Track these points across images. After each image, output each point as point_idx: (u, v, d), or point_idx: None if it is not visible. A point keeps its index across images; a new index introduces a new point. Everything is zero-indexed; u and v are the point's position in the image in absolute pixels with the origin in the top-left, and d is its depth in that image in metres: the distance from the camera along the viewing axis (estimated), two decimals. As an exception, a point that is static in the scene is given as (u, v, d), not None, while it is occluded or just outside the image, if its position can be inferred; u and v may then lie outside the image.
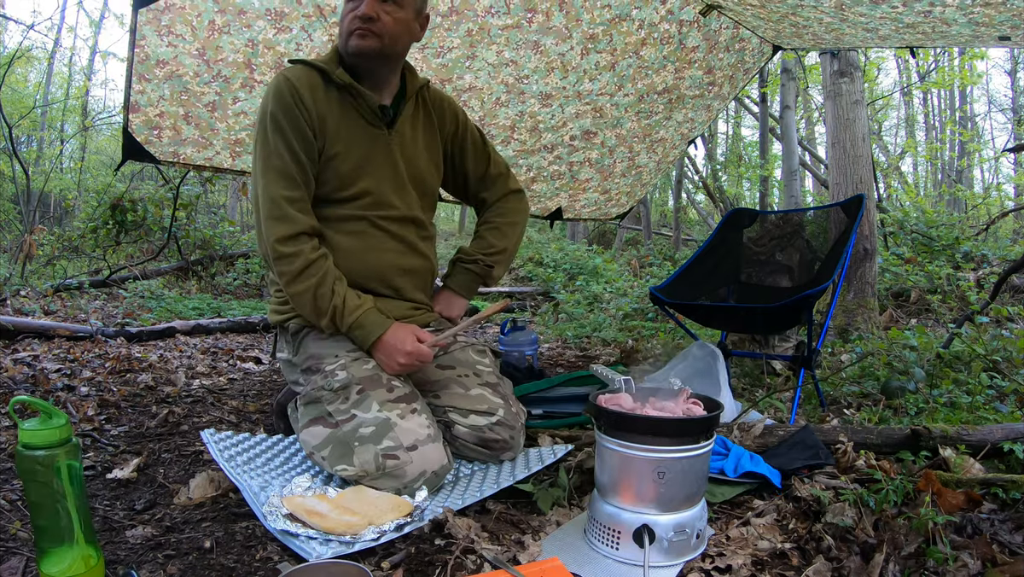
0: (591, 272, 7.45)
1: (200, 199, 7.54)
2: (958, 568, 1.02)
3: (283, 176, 1.49)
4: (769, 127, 8.81)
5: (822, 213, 2.62)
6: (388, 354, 1.50)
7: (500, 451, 1.56)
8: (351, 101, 1.57)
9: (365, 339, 1.51)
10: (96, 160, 13.91)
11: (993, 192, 11.01)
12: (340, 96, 1.57)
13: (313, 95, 1.52)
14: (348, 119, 1.57)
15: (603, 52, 2.62)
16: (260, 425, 2.01)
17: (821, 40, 2.75)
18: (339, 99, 1.56)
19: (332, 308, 1.49)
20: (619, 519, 1.12)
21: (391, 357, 1.49)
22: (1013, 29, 2.09)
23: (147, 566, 1.10)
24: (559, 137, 3.03)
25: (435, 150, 1.75)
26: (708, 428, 1.13)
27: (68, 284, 5.47)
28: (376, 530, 1.16)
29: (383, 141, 1.61)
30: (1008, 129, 17.06)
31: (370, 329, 1.50)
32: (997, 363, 2.41)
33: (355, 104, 1.57)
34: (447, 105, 1.78)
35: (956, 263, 5.00)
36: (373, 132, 1.60)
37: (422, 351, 1.51)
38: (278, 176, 1.49)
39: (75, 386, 2.34)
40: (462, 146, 1.80)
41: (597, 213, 3.74)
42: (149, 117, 2.25)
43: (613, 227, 11.65)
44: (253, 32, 2.17)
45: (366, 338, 1.50)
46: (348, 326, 1.50)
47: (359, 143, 1.58)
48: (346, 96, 1.57)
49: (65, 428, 0.98)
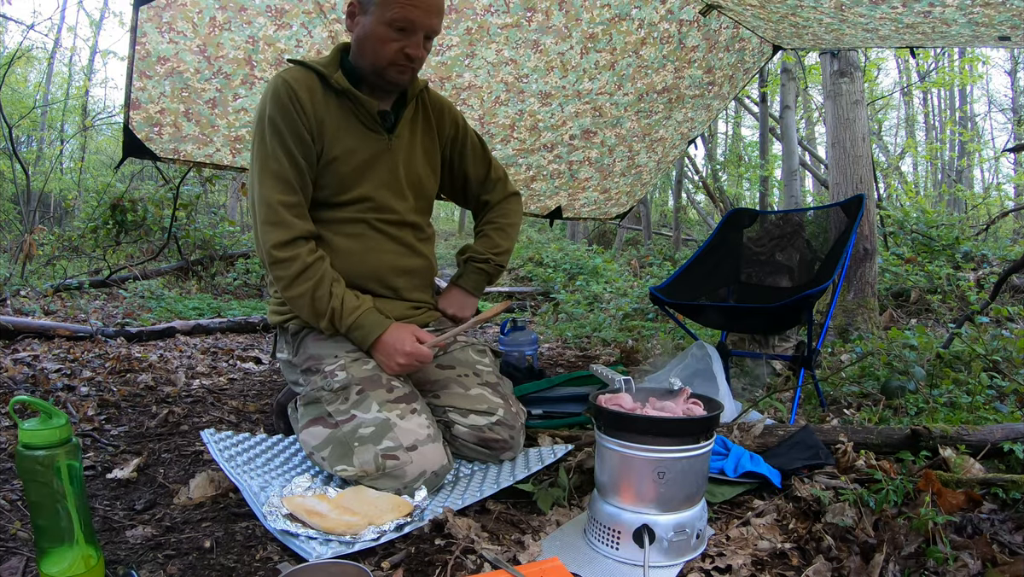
0: (591, 272, 7.45)
1: (200, 199, 7.54)
2: (958, 568, 1.02)
3: (280, 181, 1.48)
4: (769, 127, 8.81)
5: (822, 213, 2.62)
6: (387, 354, 1.49)
7: (500, 451, 1.56)
8: (350, 106, 1.56)
9: (364, 339, 1.50)
10: (96, 160, 13.91)
11: (993, 192, 11.02)
12: (339, 100, 1.55)
13: (311, 98, 1.51)
14: (347, 123, 1.56)
15: (603, 51, 2.62)
16: (260, 425, 2.01)
17: (821, 40, 2.75)
18: (338, 103, 1.55)
19: (330, 310, 1.49)
20: (619, 519, 1.12)
21: (390, 357, 1.49)
22: (1013, 29, 2.09)
23: (147, 566, 1.10)
24: (558, 136, 3.03)
25: (433, 154, 1.75)
26: (708, 428, 1.13)
27: (68, 284, 5.46)
28: (376, 530, 1.16)
29: (383, 146, 1.61)
30: (1008, 129, 17.07)
31: (369, 329, 1.50)
32: (997, 363, 2.41)
33: (354, 109, 1.56)
34: (446, 109, 1.77)
35: (956, 263, 5.00)
36: (372, 137, 1.59)
37: (421, 351, 1.50)
38: (275, 181, 1.48)
39: (75, 386, 2.34)
40: (462, 151, 1.80)
41: (597, 212, 3.74)
42: (150, 114, 2.25)
43: (613, 227, 11.64)
44: (254, 29, 2.17)
45: (365, 338, 1.50)
46: (347, 327, 1.50)
47: (358, 148, 1.57)
48: (345, 100, 1.56)
49: (65, 428, 0.98)
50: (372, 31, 1.47)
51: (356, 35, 1.53)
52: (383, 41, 1.47)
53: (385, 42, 1.47)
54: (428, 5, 1.46)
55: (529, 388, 2.08)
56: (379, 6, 1.45)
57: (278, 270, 1.49)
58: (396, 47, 1.47)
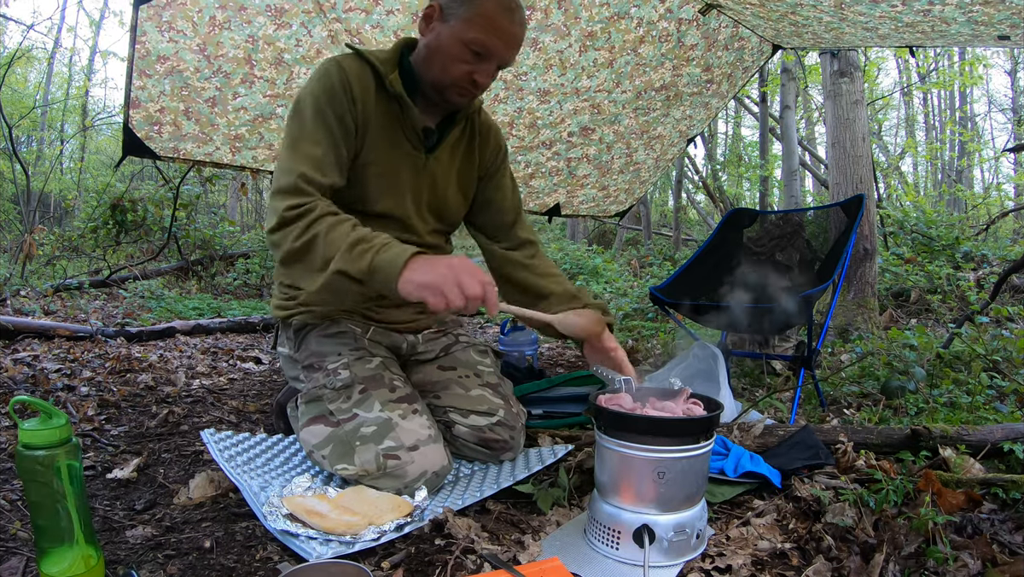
0: (591, 272, 7.46)
1: (200, 199, 7.55)
2: (958, 568, 1.02)
3: (311, 160, 1.34)
4: (769, 127, 8.81)
5: (822, 213, 2.62)
6: (443, 275, 1.14)
7: (500, 451, 1.56)
8: (397, 114, 1.47)
9: (400, 255, 1.19)
10: (96, 160, 13.92)
11: (993, 192, 11.03)
12: (388, 104, 1.46)
13: (364, 94, 1.42)
14: (390, 131, 1.48)
15: (601, 49, 2.62)
16: (260, 425, 2.01)
17: (821, 39, 2.75)
18: (387, 107, 1.46)
19: (354, 238, 1.22)
20: (619, 519, 1.12)
21: (455, 275, 1.14)
22: (1012, 28, 2.09)
23: (147, 566, 1.10)
24: (557, 133, 3.03)
25: (469, 179, 1.65)
26: (708, 428, 1.13)
27: (68, 284, 5.47)
28: (376, 530, 1.16)
29: (418, 166, 1.53)
30: (1008, 129, 17.07)
31: (401, 249, 1.20)
32: (997, 363, 2.41)
33: (400, 118, 1.48)
34: (493, 135, 1.68)
35: (956, 263, 5.00)
36: (410, 154, 1.52)
37: (487, 280, 1.19)
38: (306, 159, 1.33)
39: (75, 386, 2.34)
40: (499, 183, 1.70)
41: (596, 210, 3.74)
42: (150, 113, 2.26)
43: (613, 227, 11.65)
44: (253, 28, 2.17)
45: (400, 255, 1.19)
46: (380, 244, 1.22)
47: (393, 160, 1.49)
48: (394, 106, 1.47)
49: (65, 428, 0.98)
50: (447, 45, 1.38)
51: (428, 41, 1.42)
52: (455, 60, 1.38)
53: (456, 61, 1.38)
54: (511, 37, 1.39)
55: (529, 388, 2.07)
56: (462, 22, 1.35)
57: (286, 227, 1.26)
58: (466, 69, 1.39)
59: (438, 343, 1.74)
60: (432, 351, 1.72)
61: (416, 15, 2.38)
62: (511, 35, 1.39)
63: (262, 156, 2.66)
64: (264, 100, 2.44)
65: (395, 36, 2.43)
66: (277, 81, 2.40)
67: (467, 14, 1.35)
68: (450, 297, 1.14)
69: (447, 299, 1.14)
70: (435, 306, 1.15)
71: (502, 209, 1.71)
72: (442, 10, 1.39)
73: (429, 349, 1.72)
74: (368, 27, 2.37)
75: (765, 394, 2.29)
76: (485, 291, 1.16)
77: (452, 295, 1.14)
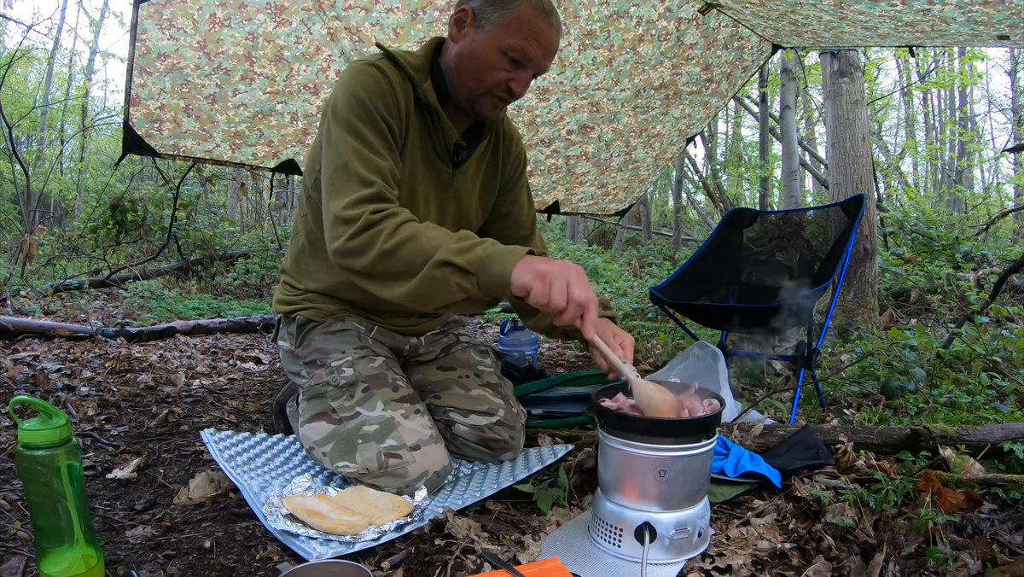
0: (591, 272, 7.46)
1: (200, 199, 7.55)
2: (958, 568, 1.02)
3: (382, 175, 1.28)
4: (769, 127, 8.82)
5: (822, 213, 2.62)
6: (559, 276, 1.10)
7: (500, 451, 1.56)
8: (428, 125, 1.43)
9: (517, 248, 1.17)
10: (96, 160, 13.92)
11: (993, 192, 11.04)
12: (422, 115, 1.42)
13: (407, 104, 1.37)
14: (421, 144, 1.44)
15: (600, 48, 2.63)
16: (260, 425, 2.01)
17: (820, 39, 2.75)
18: (421, 118, 1.42)
19: (463, 234, 1.20)
20: (622, 517, 1.12)
21: (569, 277, 1.11)
22: (1012, 28, 2.09)
23: (147, 566, 1.10)
24: (556, 131, 3.03)
25: (490, 192, 1.63)
26: (709, 427, 1.13)
27: (68, 284, 5.47)
28: (376, 530, 1.16)
29: (444, 182, 1.50)
30: (1008, 129, 17.07)
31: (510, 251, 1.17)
32: (997, 363, 2.41)
33: (431, 131, 1.43)
34: (516, 145, 1.65)
35: (956, 263, 5.01)
36: (439, 168, 1.48)
37: (594, 298, 1.15)
38: (377, 172, 1.28)
39: (75, 386, 2.34)
40: (517, 196, 1.68)
41: (595, 208, 3.75)
42: (150, 110, 2.26)
43: (613, 227, 11.65)
44: (253, 25, 2.18)
45: (517, 249, 1.17)
46: (490, 243, 1.19)
47: (421, 175, 1.46)
48: (426, 116, 1.42)
49: (65, 428, 0.98)
50: (482, 52, 1.32)
51: (460, 48, 1.36)
52: (491, 67, 1.33)
53: (493, 69, 1.33)
54: (549, 45, 1.34)
55: (529, 388, 2.07)
56: (498, 27, 1.30)
57: (372, 228, 1.20)
58: (503, 77, 1.33)
59: (439, 344, 1.74)
60: (433, 352, 1.72)
61: (416, 13, 2.38)
62: (549, 40, 1.34)
63: (262, 153, 2.66)
64: (264, 97, 2.44)
65: (395, 34, 2.43)
66: (277, 78, 2.40)
67: (504, 19, 1.30)
68: (555, 292, 1.10)
69: (552, 293, 1.10)
70: (537, 297, 1.10)
71: (519, 223, 1.69)
72: (475, 15, 1.33)
73: (430, 351, 1.72)
74: (368, 25, 2.37)
75: (765, 394, 2.29)
76: (588, 305, 1.12)
77: (558, 291, 1.10)
